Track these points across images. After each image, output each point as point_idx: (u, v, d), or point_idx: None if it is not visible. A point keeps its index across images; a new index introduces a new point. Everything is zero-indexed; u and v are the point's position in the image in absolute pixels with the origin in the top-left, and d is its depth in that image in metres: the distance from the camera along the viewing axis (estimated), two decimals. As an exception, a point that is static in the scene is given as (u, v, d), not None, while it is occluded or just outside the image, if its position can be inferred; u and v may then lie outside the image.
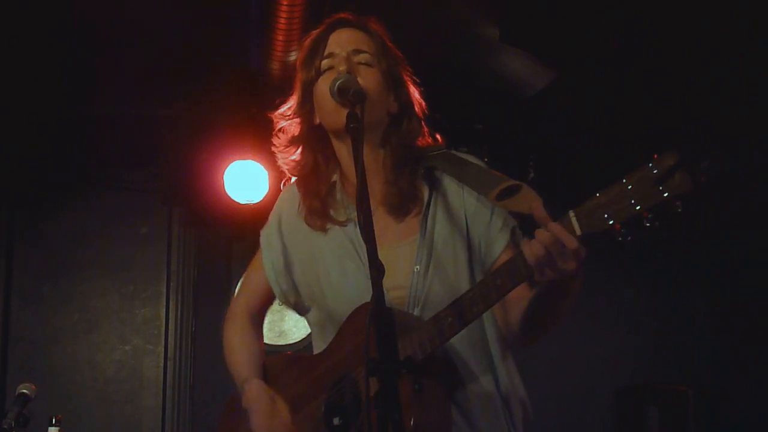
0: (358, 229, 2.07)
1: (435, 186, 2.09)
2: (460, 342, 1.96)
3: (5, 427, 3.01)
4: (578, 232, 1.64)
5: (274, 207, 2.29)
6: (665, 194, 1.54)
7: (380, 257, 1.65)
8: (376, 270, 1.63)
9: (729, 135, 4.56)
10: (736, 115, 4.35)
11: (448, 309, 1.82)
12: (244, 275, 2.40)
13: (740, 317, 5.36)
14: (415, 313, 1.98)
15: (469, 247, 2.04)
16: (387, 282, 1.67)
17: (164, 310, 5.17)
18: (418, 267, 2.01)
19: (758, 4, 3.59)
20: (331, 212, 2.13)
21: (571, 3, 3.86)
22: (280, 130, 2.18)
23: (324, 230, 2.13)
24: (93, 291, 5.14)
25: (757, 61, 3.91)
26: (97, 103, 4.91)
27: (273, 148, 2.20)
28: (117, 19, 4.11)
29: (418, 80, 2.17)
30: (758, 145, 4.54)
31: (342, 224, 2.11)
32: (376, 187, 2.01)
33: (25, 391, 3.13)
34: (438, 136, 2.17)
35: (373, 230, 1.68)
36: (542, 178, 5.00)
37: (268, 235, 2.27)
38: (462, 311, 1.80)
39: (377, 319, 1.60)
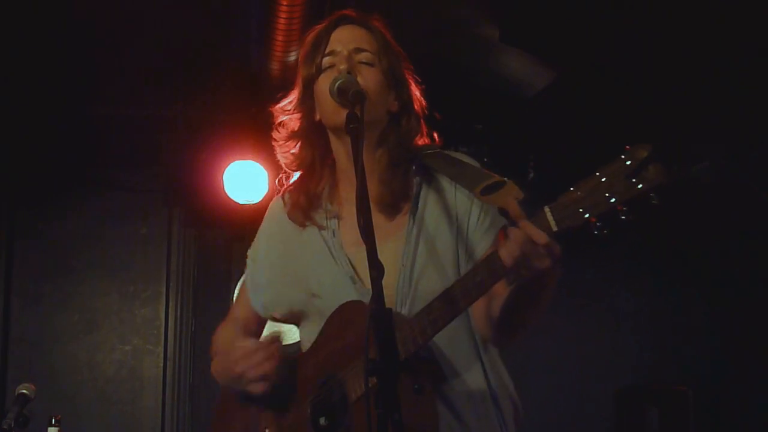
0: (335, 238, 2.09)
1: (426, 184, 2.09)
2: (448, 341, 1.95)
3: (5, 427, 3.01)
4: (554, 227, 1.63)
5: (263, 221, 2.31)
6: (639, 186, 1.53)
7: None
8: (376, 270, 1.62)
9: (729, 135, 4.56)
10: (736, 116, 4.36)
11: (430, 307, 1.82)
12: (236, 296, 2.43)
13: (740, 317, 5.36)
14: (402, 311, 1.98)
15: (458, 245, 2.04)
16: None
17: (164, 310, 5.17)
18: (404, 263, 2.00)
19: (758, 4, 3.59)
20: (312, 212, 2.14)
21: (572, 3, 3.86)
22: (280, 123, 2.19)
23: (303, 226, 2.14)
24: (93, 291, 5.15)
25: (758, 61, 3.91)
26: (97, 103, 4.91)
27: (273, 142, 2.20)
28: (117, 19, 4.11)
29: (419, 79, 2.16)
30: (758, 146, 4.54)
31: (320, 227, 2.12)
32: (369, 185, 2.01)
33: (25, 391, 3.13)
34: (435, 136, 2.17)
35: (373, 231, 1.68)
36: (542, 178, 5.00)
37: (252, 252, 2.30)
38: (444, 309, 1.79)
39: (376, 320, 1.59)
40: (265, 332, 2.44)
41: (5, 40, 4.12)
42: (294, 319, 2.23)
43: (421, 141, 2.14)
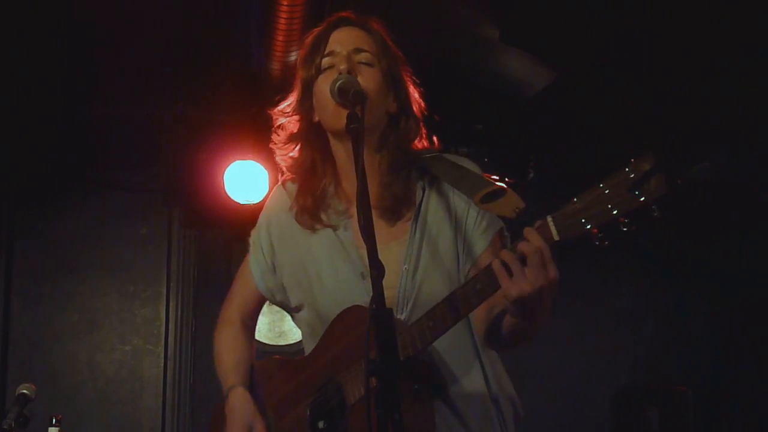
0: (347, 233, 2.08)
1: (427, 189, 2.09)
2: (448, 344, 1.96)
3: (5, 427, 3.01)
4: (556, 237, 1.64)
5: (264, 209, 2.30)
6: (641, 199, 1.54)
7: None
8: (376, 270, 1.62)
9: (729, 135, 4.56)
10: (736, 116, 4.35)
11: (430, 313, 1.82)
12: (234, 279, 2.41)
13: (740, 317, 5.37)
14: (404, 313, 1.98)
15: (457, 248, 2.04)
16: None
17: (164, 310, 5.17)
18: (406, 267, 2.00)
19: (758, 4, 3.59)
20: (322, 215, 2.13)
21: (572, 3, 3.86)
22: (279, 126, 2.18)
23: (313, 230, 2.13)
24: (93, 291, 5.15)
25: (758, 61, 3.91)
26: (97, 103, 4.91)
27: (271, 145, 2.20)
28: (117, 19, 4.11)
29: (417, 81, 2.16)
30: (758, 146, 4.54)
31: (333, 227, 2.12)
32: (370, 188, 2.02)
33: (25, 391, 3.12)
34: (435, 139, 2.17)
35: (374, 230, 1.68)
36: (542, 178, 5.00)
37: (255, 236, 2.29)
38: (444, 315, 1.80)
39: (377, 320, 1.59)
40: (267, 331, 2.46)
41: (5, 40, 4.12)
42: (291, 309, 2.24)
43: (421, 144, 2.14)
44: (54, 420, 3.18)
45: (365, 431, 1.53)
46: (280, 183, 2.26)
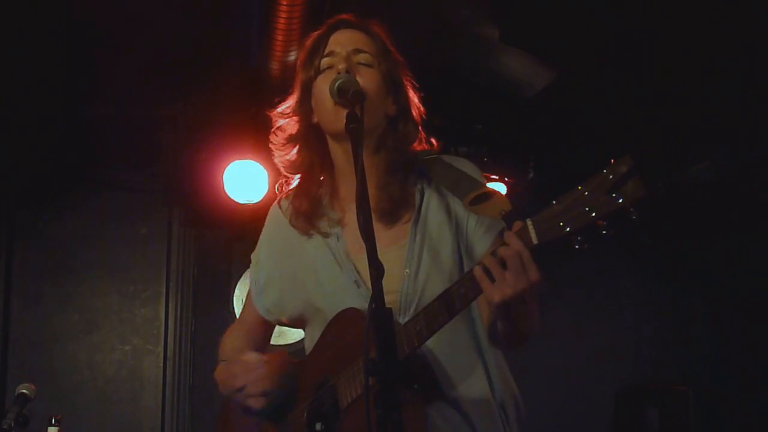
0: (339, 243, 2.08)
1: (426, 191, 2.09)
2: (451, 346, 1.96)
3: (5, 427, 3.01)
4: (535, 240, 1.64)
5: (263, 229, 2.31)
6: (619, 201, 1.52)
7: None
8: (376, 270, 1.62)
9: (729, 135, 4.56)
10: (736, 116, 4.35)
11: (417, 317, 1.82)
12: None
13: (740, 317, 5.37)
14: (407, 317, 1.97)
15: (459, 251, 2.04)
16: None
17: (164, 310, 5.17)
18: (408, 271, 2.00)
19: (758, 4, 3.59)
20: (316, 221, 2.13)
21: (572, 3, 3.86)
22: (278, 128, 2.18)
23: (308, 234, 2.14)
24: (93, 291, 5.14)
25: (758, 61, 3.91)
26: (97, 103, 4.91)
27: (270, 146, 2.19)
28: (117, 19, 4.11)
29: (417, 85, 2.16)
30: (758, 146, 4.54)
31: (324, 235, 2.12)
32: (368, 191, 2.02)
33: (25, 391, 3.13)
34: (434, 141, 2.16)
35: (373, 230, 1.68)
36: (542, 178, 5.00)
37: (255, 255, 2.30)
38: (429, 319, 1.79)
39: (376, 320, 1.59)
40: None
41: (5, 40, 4.12)
42: (298, 323, 2.24)
43: (420, 147, 2.14)
44: (54, 420, 3.18)
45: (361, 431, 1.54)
46: (276, 203, 2.27)
